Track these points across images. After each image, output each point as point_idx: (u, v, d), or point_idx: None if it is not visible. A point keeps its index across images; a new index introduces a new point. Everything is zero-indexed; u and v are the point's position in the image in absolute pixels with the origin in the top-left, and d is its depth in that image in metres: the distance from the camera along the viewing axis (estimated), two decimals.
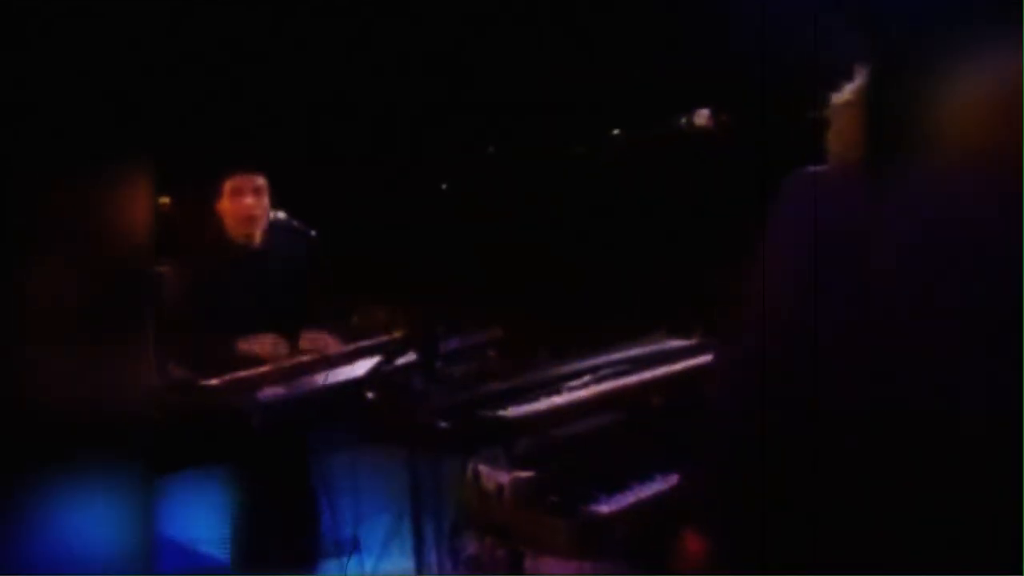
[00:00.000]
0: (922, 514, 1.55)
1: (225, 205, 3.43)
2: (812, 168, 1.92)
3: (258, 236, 3.50)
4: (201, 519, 3.52)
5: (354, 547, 3.45)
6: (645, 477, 2.54)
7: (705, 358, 2.97)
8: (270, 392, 3.07)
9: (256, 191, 3.43)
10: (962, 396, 1.51)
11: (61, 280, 1.37)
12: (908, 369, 1.58)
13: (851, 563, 1.64)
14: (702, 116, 2.32)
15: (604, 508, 2.42)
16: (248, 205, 3.42)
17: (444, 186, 3.30)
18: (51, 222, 1.34)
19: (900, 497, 1.58)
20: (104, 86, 1.40)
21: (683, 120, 2.35)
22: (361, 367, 3.04)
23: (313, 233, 3.54)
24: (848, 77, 1.97)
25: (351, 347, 3.37)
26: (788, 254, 1.86)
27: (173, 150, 3.30)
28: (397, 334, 3.38)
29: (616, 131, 2.51)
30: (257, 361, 3.20)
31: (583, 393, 2.70)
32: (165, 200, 4.28)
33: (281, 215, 3.52)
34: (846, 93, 1.98)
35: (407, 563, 2.77)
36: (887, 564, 1.60)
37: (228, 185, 3.42)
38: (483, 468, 2.43)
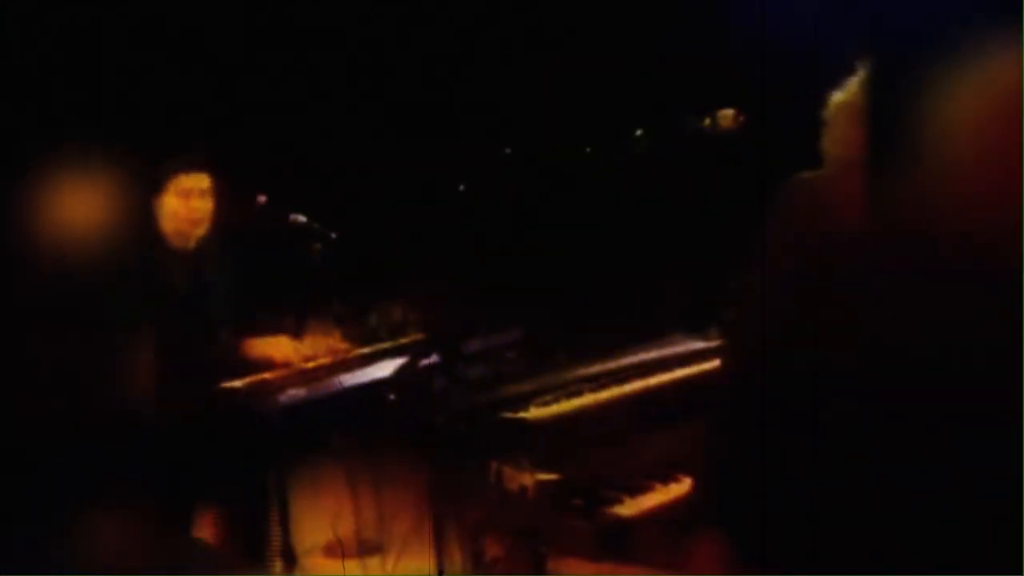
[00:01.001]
0: (921, 513, 1.55)
1: (173, 205, 3.20)
2: (808, 174, 1.92)
3: (196, 240, 3.29)
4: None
5: (375, 548, 3.45)
6: (667, 479, 2.54)
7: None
8: (291, 394, 3.07)
9: (203, 193, 3.24)
10: (961, 397, 1.51)
11: (60, 280, 1.37)
12: (907, 371, 1.57)
13: (856, 560, 1.64)
14: (727, 117, 2.32)
15: (626, 510, 2.42)
16: (198, 208, 3.22)
17: (461, 187, 3.30)
18: (49, 223, 1.35)
19: (899, 497, 1.58)
20: (104, 88, 1.40)
21: (707, 120, 2.35)
22: (382, 369, 3.04)
23: (333, 235, 3.52)
24: (847, 75, 1.97)
25: (370, 349, 3.36)
26: (786, 262, 1.86)
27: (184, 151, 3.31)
28: (416, 336, 3.37)
29: (639, 131, 2.51)
30: (265, 365, 3.15)
31: (604, 394, 2.70)
32: None
33: (301, 218, 3.50)
34: (843, 92, 1.98)
35: (428, 564, 2.77)
36: (887, 562, 1.60)
37: (178, 183, 3.19)
38: (506, 469, 2.44)
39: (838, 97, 1.96)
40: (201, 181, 3.23)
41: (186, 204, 3.20)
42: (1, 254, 1.32)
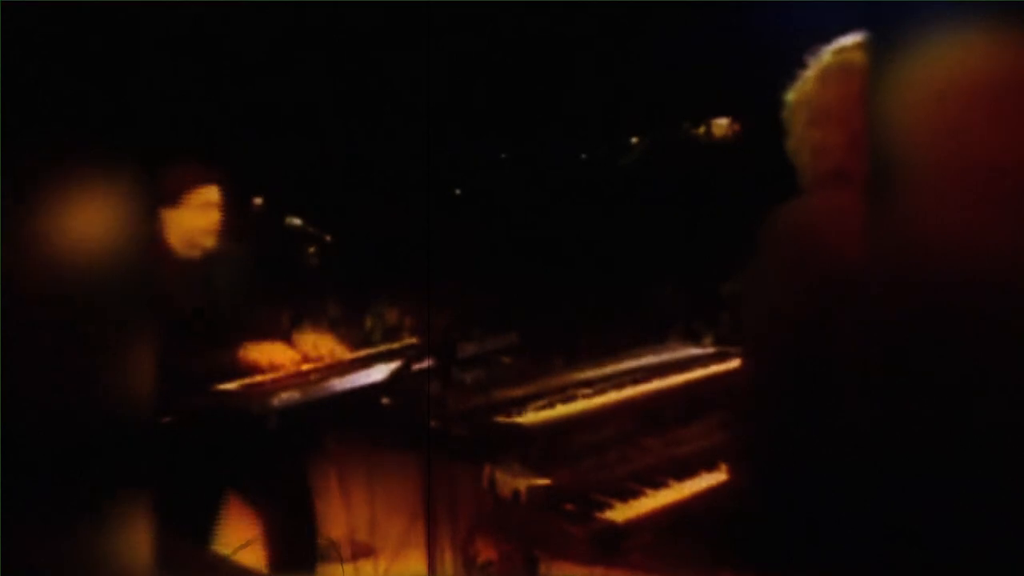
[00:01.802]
0: (934, 520, 1.55)
1: (191, 217, 3.26)
2: (792, 203, 1.90)
3: (203, 251, 3.35)
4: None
5: (368, 552, 3.46)
6: (660, 484, 2.54)
7: (719, 366, 2.98)
8: (286, 397, 3.08)
9: (217, 205, 3.31)
10: (962, 409, 1.50)
11: (63, 284, 1.37)
12: (914, 380, 1.57)
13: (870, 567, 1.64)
14: (721, 126, 2.32)
15: (618, 515, 2.42)
16: (217, 219, 3.30)
17: (457, 191, 3.30)
18: (52, 226, 1.35)
19: (911, 504, 1.57)
20: (105, 92, 1.40)
21: (702, 129, 2.35)
22: (376, 372, 3.05)
23: (328, 238, 3.53)
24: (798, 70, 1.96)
25: (365, 352, 3.37)
26: (780, 295, 1.86)
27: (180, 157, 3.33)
28: (410, 339, 3.37)
29: (634, 139, 2.51)
30: (259, 370, 3.17)
31: (598, 400, 2.70)
32: None
33: (296, 220, 3.51)
34: (794, 91, 1.96)
35: (421, 568, 2.78)
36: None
37: (197, 196, 3.26)
38: (499, 474, 2.44)
39: (791, 96, 1.93)
40: (214, 193, 3.30)
41: (205, 216, 3.27)
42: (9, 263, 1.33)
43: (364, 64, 5.20)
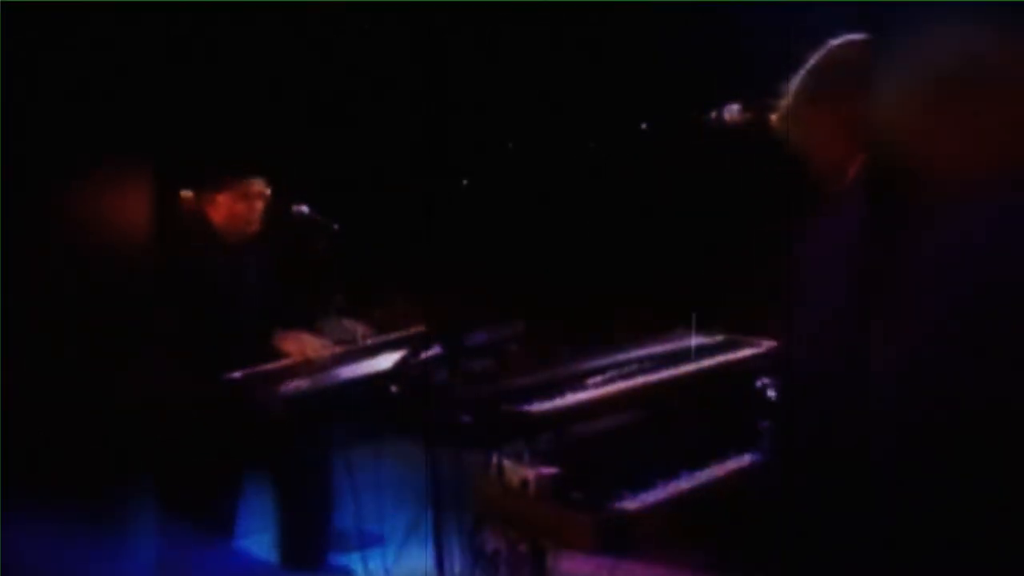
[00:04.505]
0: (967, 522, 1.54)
1: (236, 206, 3.46)
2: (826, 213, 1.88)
3: (244, 237, 3.54)
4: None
5: (376, 541, 3.46)
6: (671, 475, 2.53)
7: (727, 355, 2.97)
8: (292, 385, 3.08)
9: (264, 197, 3.51)
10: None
11: (66, 284, 1.37)
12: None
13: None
14: (732, 111, 2.30)
15: (629, 505, 2.40)
16: (259, 209, 3.48)
17: (465, 182, 3.29)
18: (54, 228, 1.35)
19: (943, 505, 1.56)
20: (107, 89, 1.40)
21: (712, 115, 2.33)
22: (384, 361, 3.04)
23: (336, 227, 3.54)
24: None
25: (372, 340, 3.37)
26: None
27: (182, 147, 3.36)
28: (418, 328, 3.37)
29: (644, 125, 2.49)
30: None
31: (607, 389, 2.69)
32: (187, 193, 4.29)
33: (304, 209, 3.52)
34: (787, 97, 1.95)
35: (428, 557, 2.78)
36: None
37: (243, 188, 3.46)
38: (507, 463, 2.43)
39: (783, 104, 1.94)
40: (263, 185, 3.51)
41: (250, 206, 3.47)
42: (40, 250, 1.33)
43: (370, 52, 5.19)
